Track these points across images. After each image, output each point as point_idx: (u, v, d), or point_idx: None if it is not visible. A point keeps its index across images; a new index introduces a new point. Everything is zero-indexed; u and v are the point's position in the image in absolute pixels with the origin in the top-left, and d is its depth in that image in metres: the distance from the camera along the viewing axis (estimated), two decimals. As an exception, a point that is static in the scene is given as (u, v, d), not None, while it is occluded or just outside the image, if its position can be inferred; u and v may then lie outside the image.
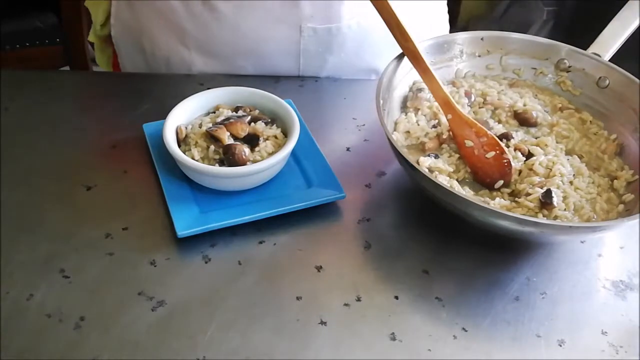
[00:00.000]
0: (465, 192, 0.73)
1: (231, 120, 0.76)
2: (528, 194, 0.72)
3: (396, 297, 0.67)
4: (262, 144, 0.75)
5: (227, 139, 0.74)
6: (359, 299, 0.67)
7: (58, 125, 0.84)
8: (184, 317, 0.64)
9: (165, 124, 0.75)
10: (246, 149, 0.73)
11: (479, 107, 0.83)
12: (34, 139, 0.83)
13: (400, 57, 0.81)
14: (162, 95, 0.89)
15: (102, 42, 1.06)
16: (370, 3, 0.89)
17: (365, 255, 0.71)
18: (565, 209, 0.71)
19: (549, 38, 0.88)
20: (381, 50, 0.99)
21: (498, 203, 0.71)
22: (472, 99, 0.84)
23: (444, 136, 0.78)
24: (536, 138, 0.80)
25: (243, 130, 0.75)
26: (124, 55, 1.02)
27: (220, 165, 0.73)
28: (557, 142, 0.79)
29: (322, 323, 0.64)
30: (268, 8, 0.89)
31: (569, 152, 0.79)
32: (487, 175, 0.75)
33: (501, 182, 0.74)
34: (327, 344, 0.63)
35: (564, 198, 0.72)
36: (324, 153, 0.79)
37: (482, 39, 0.87)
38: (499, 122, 0.82)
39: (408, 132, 0.79)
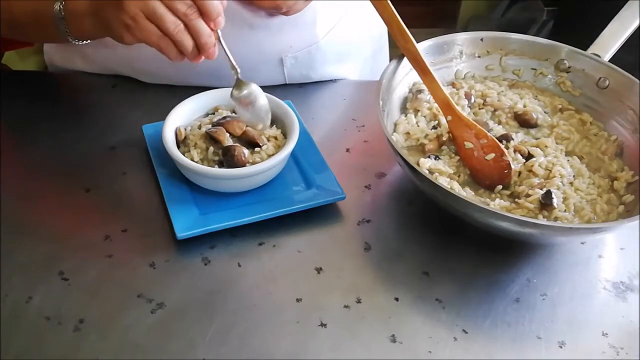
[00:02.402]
0: (466, 193, 0.73)
1: (227, 119, 0.75)
2: (528, 195, 0.72)
3: (396, 299, 0.67)
4: (262, 145, 0.75)
5: (227, 140, 0.74)
6: (359, 301, 0.66)
7: (57, 127, 0.84)
8: (184, 319, 0.64)
9: (164, 125, 0.75)
10: (245, 151, 0.73)
11: (479, 109, 0.83)
12: (33, 140, 0.82)
13: (399, 58, 0.80)
14: (162, 97, 0.89)
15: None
16: (338, 11, 0.89)
17: (365, 257, 0.71)
18: (565, 210, 0.71)
19: (549, 38, 0.88)
20: (360, 49, 1.00)
21: (498, 204, 0.71)
22: (472, 100, 0.84)
23: (444, 138, 0.78)
24: (536, 139, 0.80)
25: (240, 128, 0.75)
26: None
27: (219, 167, 0.73)
28: (557, 144, 0.79)
29: (322, 325, 0.64)
30: (247, 55, 0.88)
31: (569, 153, 0.79)
32: (486, 177, 0.75)
33: (500, 187, 0.74)
34: (327, 346, 0.62)
35: (564, 199, 0.72)
36: (323, 154, 0.79)
37: (481, 39, 0.87)
38: (499, 123, 0.82)
39: (408, 133, 0.79)
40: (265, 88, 0.82)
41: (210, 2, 0.67)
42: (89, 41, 0.80)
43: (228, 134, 0.75)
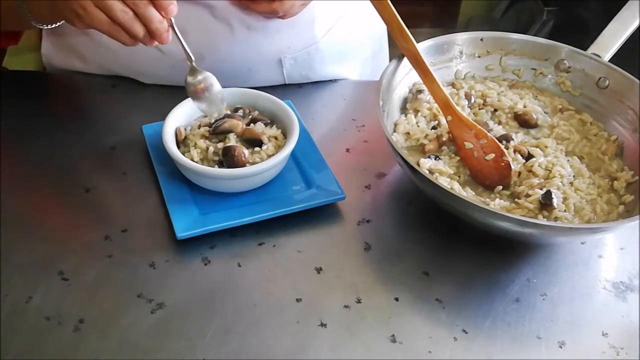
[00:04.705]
0: (466, 194, 0.73)
1: (227, 119, 0.75)
2: (528, 195, 0.72)
3: (396, 299, 0.67)
4: (263, 145, 0.75)
5: (231, 140, 0.74)
6: (359, 301, 0.66)
7: (56, 127, 0.84)
8: (184, 319, 0.64)
9: (164, 126, 0.75)
10: (245, 151, 0.73)
11: (479, 109, 0.83)
12: (33, 140, 0.82)
13: (399, 58, 0.80)
14: (161, 97, 0.89)
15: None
16: (337, 13, 0.88)
17: (365, 257, 0.71)
18: (565, 210, 0.71)
19: (548, 38, 0.88)
20: (359, 49, 1.00)
21: (498, 204, 0.71)
22: (472, 100, 0.84)
23: (444, 138, 0.78)
24: (536, 139, 0.80)
25: (241, 126, 0.75)
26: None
27: (219, 167, 0.73)
28: (557, 144, 0.79)
29: (322, 325, 0.64)
30: (245, 56, 0.89)
31: (569, 154, 0.79)
32: (486, 177, 0.75)
33: (500, 187, 0.74)
34: (327, 346, 0.62)
35: (564, 199, 0.72)
36: (323, 154, 0.79)
37: (481, 39, 0.87)
38: (499, 123, 0.82)
39: (408, 133, 0.79)
40: (264, 88, 0.82)
41: None
42: (55, 25, 0.79)
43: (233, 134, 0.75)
